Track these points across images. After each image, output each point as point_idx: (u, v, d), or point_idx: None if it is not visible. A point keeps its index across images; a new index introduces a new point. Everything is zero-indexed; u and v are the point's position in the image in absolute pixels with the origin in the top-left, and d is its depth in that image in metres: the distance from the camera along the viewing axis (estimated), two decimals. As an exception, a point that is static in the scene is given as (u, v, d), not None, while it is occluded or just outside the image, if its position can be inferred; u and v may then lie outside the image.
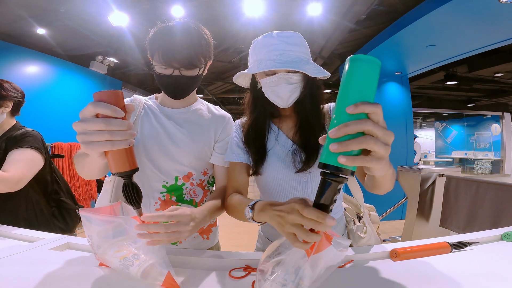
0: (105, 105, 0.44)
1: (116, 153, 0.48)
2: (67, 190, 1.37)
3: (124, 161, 0.49)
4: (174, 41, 0.75)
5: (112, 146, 0.45)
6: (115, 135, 0.45)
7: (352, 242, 0.85)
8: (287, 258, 0.49)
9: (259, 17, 3.06)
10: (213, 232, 0.98)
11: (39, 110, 3.59)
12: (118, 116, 0.45)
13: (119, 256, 0.54)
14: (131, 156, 0.50)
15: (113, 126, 0.45)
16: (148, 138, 0.85)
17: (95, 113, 0.45)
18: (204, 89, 6.41)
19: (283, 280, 0.47)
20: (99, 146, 0.45)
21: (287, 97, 0.74)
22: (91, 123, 0.44)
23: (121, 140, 0.46)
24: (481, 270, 0.60)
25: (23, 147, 1.12)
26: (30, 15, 2.95)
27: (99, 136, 0.44)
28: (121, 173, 0.50)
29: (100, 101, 0.45)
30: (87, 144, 0.45)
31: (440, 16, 2.59)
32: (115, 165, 0.49)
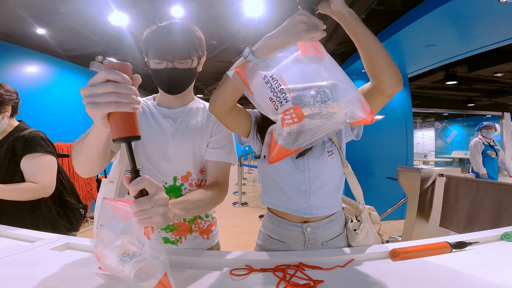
0: (116, 72, 0.47)
1: (118, 116, 0.48)
2: (71, 189, 1.38)
3: (126, 126, 0.49)
4: (167, 37, 0.79)
5: (117, 107, 0.47)
6: (122, 97, 0.47)
7: (350, 239, 0.85)
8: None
9: (259, 17, 3.06)
10: (213, 232, 0.98)
11: (38, 110, 3.59)
12: (126, 82, 0.48)
13: (119, 251, 0.53)
14: (134, 122, 0.50)
15: (121, 89, 0.47)
16: (146, 138, 0.85)
17: (105, 79, 0.47)
18: (204, 89, 6.41)
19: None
20: (104, 106, 0.47)
21: None
22: (100, 86, 0.46)
23: (127, 103, 0.47)
24: (481, 270, 0.60)
25: (39, 152, 1.16)
26: (30, 15, 2.94)
27: (106, 97, 0.46)
28: (122, 138, 0.49)
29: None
30: (93, 105, 0.47)
31: (440, 16, 2.59)
32: (117, 129, 0.49)
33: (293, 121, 0.49)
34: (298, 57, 0.53)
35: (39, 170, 1.15)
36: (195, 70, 0.85)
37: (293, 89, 0.49)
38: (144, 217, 0.49)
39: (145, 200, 0.49)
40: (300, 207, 0.83)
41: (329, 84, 0.49)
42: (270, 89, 0.50)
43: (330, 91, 0.49)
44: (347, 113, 0.50)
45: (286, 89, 0.49)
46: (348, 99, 0.49)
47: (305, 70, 0.52)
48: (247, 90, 0.53)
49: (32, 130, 1.21)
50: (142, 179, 0.50)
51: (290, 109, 0.49)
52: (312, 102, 0.48)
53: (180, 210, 0.63)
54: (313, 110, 0.49)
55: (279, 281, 0.57)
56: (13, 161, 1.14)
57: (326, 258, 0.69)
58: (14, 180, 1.14)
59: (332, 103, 0.49)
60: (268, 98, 0.50)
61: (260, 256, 0.71)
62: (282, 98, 0.49)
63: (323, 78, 0.50)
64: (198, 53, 0.84)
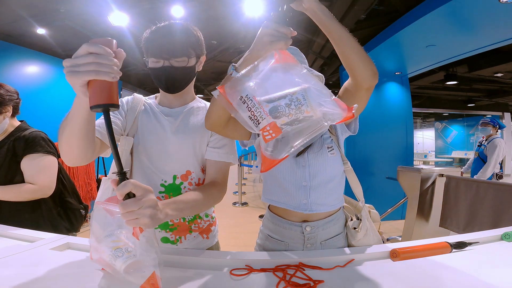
0: (98, 45, 0.48)
1: (97, 83, 0.49)
2: (72, 189, 1.38)
3: (104, 93, 0.49)
4: (164, 36, 0.80)
5: (96, 75, 0.48)
6: (102, 66, 0.48)
7: (350, 238, 0.85)
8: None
9: (259, 17, 3.06)
10: (212, 232, 0.98)
11: (38, 110, 3.59)
12: (108, 54, 0.49)
13: (113, 246, 0.53)
14: (113, 91, 0.50)
15: (101, 59, 0.48)
16: (147, 136, 0.86)
17: (88, 51, 0.48)
18: (204, 89, 6.41)
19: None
20: (83, 74, 0.48)
21: None
22: (81, 57, 0.48)
23: (106, 71, 0.48)
24: (481, 270, 0.60)
25: (40, 152, 1.16)
26: (30, 15, 2.95)
27: (86, 66, 0.47)
28: (99, 105, 0.49)
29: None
30: (72, 73, 0.48)
31: (440, 16, 2.59)
32: (94, 97, 0.49)
33: (271, 136, 0.52)
34: (271, 67, 0.55)
35: (39, 171, 1.15)
36: (192, 68, 0.86)
37: (267, 100, 0.51)
38: (131, 218, 0.51)
39: (132, 202, 0.50)
40: (300, 203, 0.83)
41: (300, 89, 0.51)
42: (247, 109, 0.53)
43: (302, 96, 0.51)
44: (324, 115, 0.52)
45: (260, 107, 0.51)
46: (321, 101, 0.52)
47: (278, 79, 0.54)
48: (232, 108, 0.56)
49: (33, 130, 1.21)
50: (126, 183, 0.50)
51: (267, 126, 0.52)
52: (287, 111, 0.51)
53: (172, 210, 0.63)
54: (290, 118, 0.51)
55: (279, 281, 0.57)
56: (13, 162, 1.14)
57: (326, 258, 0.69)
58: (14, 180, 1.14)
59: (306, 108, 0.51)
60: (247, 117, 0.53)
61: (260, 256, 0.71)
62: (258, 116, 0.52)
63: (295, 84, 0.52)
64: (196, 51, 0.85)
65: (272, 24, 0.60)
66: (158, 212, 0.55)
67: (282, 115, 0.51)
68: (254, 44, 0.62)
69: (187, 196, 0.73)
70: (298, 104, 0.51)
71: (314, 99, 0.51)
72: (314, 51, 4.27)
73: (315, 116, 0.51)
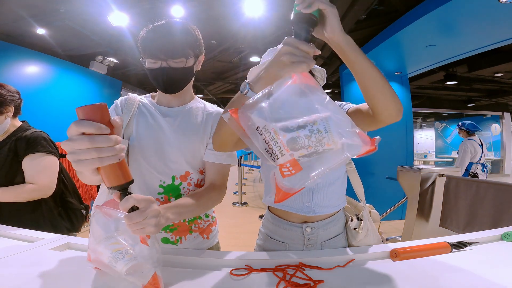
0: (88, 123, 0.45)
1: (107, 168, 0.48)
2: (73, 189, 1.38)
3: (116, 175, 0.49)
4: (161, 36, 0.79)
5: (101, 163, 0.46)
6: (102, 152, 0.45)
7: (350, 238, 0.85)
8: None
9: (259, 17, 3.06)
10: (213, 232, 0.98)
11: (39, 110, 3.59)
12: (103, 133, 0.46)
13: (112, 248, 0.54)
14: (123, 169, 0.50)
15: (99, 143, 0.45)
16: (143, 137, 0.84)
17: (79, 132, 0.45)
18: (204, 89, 6.41)
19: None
20: (88, 163, 0.46)
21: None
22: (77, 142, 0.45)
23: (109, 156, 0.46)
24: (481, 270, 0.60)
25: (41, 152, 1.16)
26: (30, 15, 2.95)
27: (86, 154, 0.45)
28: (115, 187, 0.50)
29: (84, 117, 0.45)
30: (77, 163, 0.46)
31: (440, 16, 2.59)
32: (108, 180, 0.49)
33: (290, 173, 0.49)
34: (290, 90, 0.50)
35: (40, 171, 1.15)
36: (191, 69, 0.85)
37: (284, 129, 0.47)
38: (137, 228, 0.53)
39: (136, 215, 0.52)
40: (303, 205, 0.83)
41: (322, 119, 0.47)
42: (264, 141, 0.48)
43: (324, 128, 0.47)
44: (345, 147, 0.48)
45: (280, 142, 0.47)
46: (342, 131, 0.47)
47: (297, 104, 0.49)
48: (246, 136, 0.51)
49: (35, 130, 1.21)
50: (128, 199, 0.52)
51: (287, 163, 0.48)
52: (307, 143, 0.47)
53: (173, 214, 0.65)
54: (309, 151, 0.47)
55: (279, 281, 0.57)
56: (15, 161, 1.14)
57: (326, 258, 0.69)
58: (15, 180, 1.14)
59: (327, 140, 0.47)
60: (264, 150, 0.49)
61: (260, 256, 0.71)
62: (277, 151, 0.48)
63: (315, 111, 0.48)
64: (194, 51, 0.83)
65: (293, 41, 0.52)
66: (161, 218, 0.58)
67: (301, 147, 0.47)
68: (272, 62, 0.55)
69: (186, 200, 0.74)
70: (319, 136, 0.46)
71: (335, 129, 0.47)
72: (314, 51, 4.26)
73: (336, 148, 0.48)
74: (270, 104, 0.49)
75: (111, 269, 0.53)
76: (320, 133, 0.47)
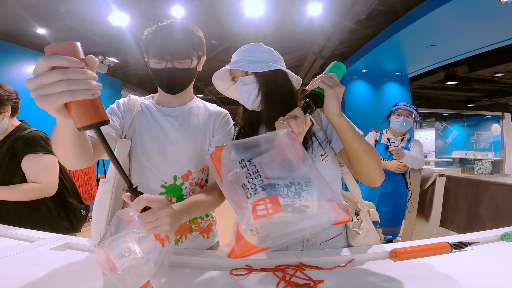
0: (58, 56, 0.39)
1: (78, 104, 0.42)
2: (72, 189, 1.38)
3: (88, 113, 0.43)
4: (167, 37, 0.79)
5: (72, 96, 0.40)
6: (74, 84, 0.40)
7: (350, 238, 0.85)
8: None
9: (259, 17, 3.06)
10: (213, 231, 0.98)
11: (39, 110, 3.56)
12: (76, 66, 0.40)
13: (123, 245, 0.55)
14: (97, 107, 0.44)
15: (71, 75, 0.40)
16: (145, 137, 0.85)
17: (49, 67, 0.40)
18: (204, 89, 6.41)
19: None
20: (56, 97, 0.40)
21: (246, 97, 0.81)
22: (45, 76, 0.39)
23: (82, 90, 0.41)
24: (481, 270, 0.60)
25: (40, 152, 1.16)
26: (30, 15, 2.95)
27: (55, 87, 0.39)
28: (87, 126, 0.43)
29: (52, 53, 0.40)
30: (42, 98, 0.40)
31: (440, 16, 2.59)
32: (78, 118, 0.43)
33: (267, 213, 0.44)
34: (279, 147, 0.50)
35: (41, 170, 1.15)
36: (194, 70, 0.86)
37: (270, 176, 0.46)
38: (151, 227, 0.54)
39: (149, 214, 0.53)
40: None
41: (305, 177, 0.47)
42: (245, 174, 0.46)
43: (305, 183, 0.46)
44: (319, 213, 0.46)
45: (264, 176, 0.45)
46: (323, 195, 0.47)
47: (283, 160, 0.49)
48: (217, 175, 0.51)
49: (32, 130, 1.21)
50: (139, 200, 0.52)
51: (266, 198, 0.44)
52: (285, 192, 0.45)
53: (187, 212, 0.66)
54: (286, 201, 0.45)
55: (279, 281, 0.57)
56: (13, 161, 1.14)
57: (326, 258, 0.69)
58: (13, 180, 1.14)
59: (306, 195, 0.45)
60: (241, 185, 0.46)
61: (260, 256, 0.71)
62: (258, 185, 0.45)
63: (301, 171, 0.47)
64: (198, 53, 0.84)
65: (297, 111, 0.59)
66: (175, 217, 0.58)
67: (279, 195, 0.44)
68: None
69: (198, 198, 0.75)
70: (299, 189, 0.45)
71: (316, 191, 0.46)
72: (314, 51, 4.27)
73: (311, 210, 0.46)
74: (260, 148, 0.49)
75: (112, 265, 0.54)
76: (300, 186, 0.46)
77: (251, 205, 0.45)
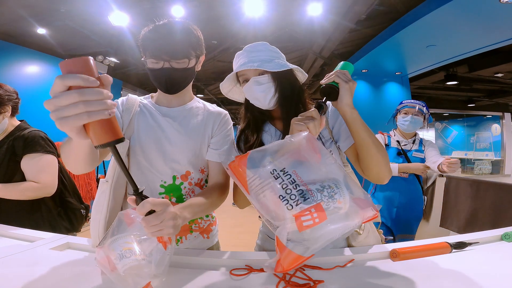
0: (75, 75, 0.40)
1: (95, 124, 0.43)
2: (72, 189, 1.38)
3: (105, 132, 0.44)
4: (164, 36, 0.78)
5: (89, 118, 0.41)
6: (91, 105, 0.41)
7: (350, 239, 0.85)
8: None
9: (259, 17, 3.06)
10: (213, 231, 0.98)
11: (39, 110, 3.57)
12: (92, 85, 0.41)
13: (125, 246, 0.55)
14: (113, 126, 0.45)
15: (88, 96, 0.40)
16: (144, 137, 0.85)
17: (65, 86, 0.40)
18: (204, 89, 6.41)
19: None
20: (74, 119, 0.41)
21: (263, 96, 0.80)
22: (63, 97, 0.40)
23: (99, 110, 0.41)
24: (481, 270, 0.60)
25: (39, 152, 1.16)
26: (30, 15, 2.95)
27: (73, 109, 0.40)
28: (104, 145, 0.45)
29: (67, 71, 0.41)
30: (61, 120, 0.41)
31: (440, 16, 2.59)
32: (96, 137, 0.44)
33: (314, 222, 0.42)
34: (302, 149, 0.49)
35: (40, 170, 1.15)
36: (193, 69, 0.85)
37: (309, 183, 0.44)
38: (155, 230, 0.54)
39: (153, 218, 0.53)
40: None
41: (332, 178, 0.46)
42: (281, 185, 0.44)
43: (335, 185, 0.45)
44: (352, 210, 0.46)
45: (303, 184, 0.43)
46: (352, 194, 0.47)
47: (309, 163, 0.47)
48: (241, 186, 0.48)
49: (32, 130, 1.21)
50: (144, 204, 0.53)
51: (311, 207, 0.43)
52: (320, 197, 0.43)
53: (189, 214, 0.67)
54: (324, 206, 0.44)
55: (279, 281, 0.57)
56: (12, 161, 1.14)
57: (326, 258, 0.69)
58: (13, 179, 1.14)
59: (339, 197, 0.45)
60: (277, 197, 0.44)
61: (260, 256, 0.71)
62: (298, 195, 0.43)
63: (327, 173, 0.47)
64: (196, 52, 0.84)
65: (314, 111, 0.61)
66: (178, 219, 0.59)
67: (312, 201, 0.43)
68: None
69: (199, 199, 0.75)
70: (331, 192, 0.44)
71: (346, 188, 0.46)
72: (315, 51, 4.27)
73: (344, 209, 0.46)
74: (286, 154, 0.47)
75: (113, 266, 0.54)
76: (331, 189, 0.45)
77: (293, 216, 0.43)
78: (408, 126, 1.92)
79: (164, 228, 0.54)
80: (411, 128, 1.94)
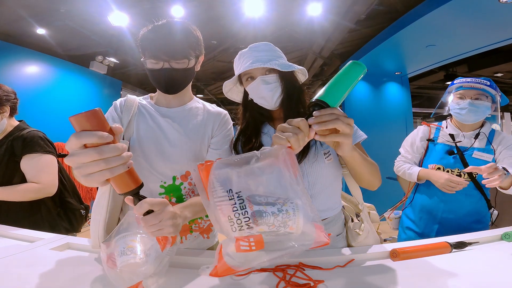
0: (89, 133, 0.42)
1: (117, 177, 0.47)
2: (72, 189, 1.37)
3: (127, 182, 0.48)
4: (163, 36, 0.78)
5: (112, 174, 0.44)
6: (111, 162, 0.44)
7: (350, 239, 0.85)
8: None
9: (259, 17, 3.06)
10: (213, 231, 0.98)
11: (39, 110, 3.58)
12: (107, 141, 0.43)
13: (129, 244, 0.56)
14: (133, 175, 0.49)
15: (107, 154, 0.43)
16: (144, 138, 0.84)
17: (81, 144, 0.43)
18: (204, 89, 6.41)
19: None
20: (98, 176, 0.44)
21: (270, 96, 0.80)
22: (83, 155, 0.42)
23: (119, 165, 0.45)
24: (481, 270, 0.60)
25: (39, 152, 1.16)
26: (30, 15, 2.95)
27: (95, 166, 0.43)
28: (127, 193, 0.50)
29: (81, 127, 0.43)
30: (86, 177, 0.44)
31: (440, 16, 2.59)
32: (119, 188, 0.49)
33: (250, 249, 0.44)
34: (270, 165, 0.47)
35: (40, 170, 1.15)
36: (192, 69, 0.85)
37: (253, 199, 0.44)
38: (154, 230, 0.54)
39: (152, 217, 0.54)
40: None
41: (293, 202, 0.45)
42: (232, 207, 0.44)
43: (293, 211, 0.45)
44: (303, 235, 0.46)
45: (251, 214, 0.43)
46: (307, 220, 0.46)
47: (272, 181, 0.46)
48: (203, 191, 0.47)
49: (31, 130, 1.20)
50: (141, 204, 0.53)
51: (250, 237, 0.44)
52: (271, 221, 0.44)
53: (189, 213, 0.68)
54: (270, 229, 0.45)
55: (279, 281, 0.57)
56: (11, 161, 1.14)
57: (326, 258, 0.69)
58: (13, 180, 1.14)
59: (292, 224, 0.45)
60: (227, 216, 0.44)
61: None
62: (244, 222, 0.43)
63: (288, 194, 0.46)
64: (195, 52, 0.84)
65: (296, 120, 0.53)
66: (178, 219, 0.60)
67: (263, 223, 0.44)
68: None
69: (199, 199, 0.75)
70: (286, 218, 0.44)
71: (303, 215, 0.45)
72: (314, 51, 4.27)
73: (294, 235, 0.46)
74: (249, 172, 0.46)
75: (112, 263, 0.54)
76: (288, 215, 0.45)
77: (235, 238, 0.45)
78: (466, 116, 1.29)
79: (163, 228, 0.54)
80: (471, 118, 1.30)
